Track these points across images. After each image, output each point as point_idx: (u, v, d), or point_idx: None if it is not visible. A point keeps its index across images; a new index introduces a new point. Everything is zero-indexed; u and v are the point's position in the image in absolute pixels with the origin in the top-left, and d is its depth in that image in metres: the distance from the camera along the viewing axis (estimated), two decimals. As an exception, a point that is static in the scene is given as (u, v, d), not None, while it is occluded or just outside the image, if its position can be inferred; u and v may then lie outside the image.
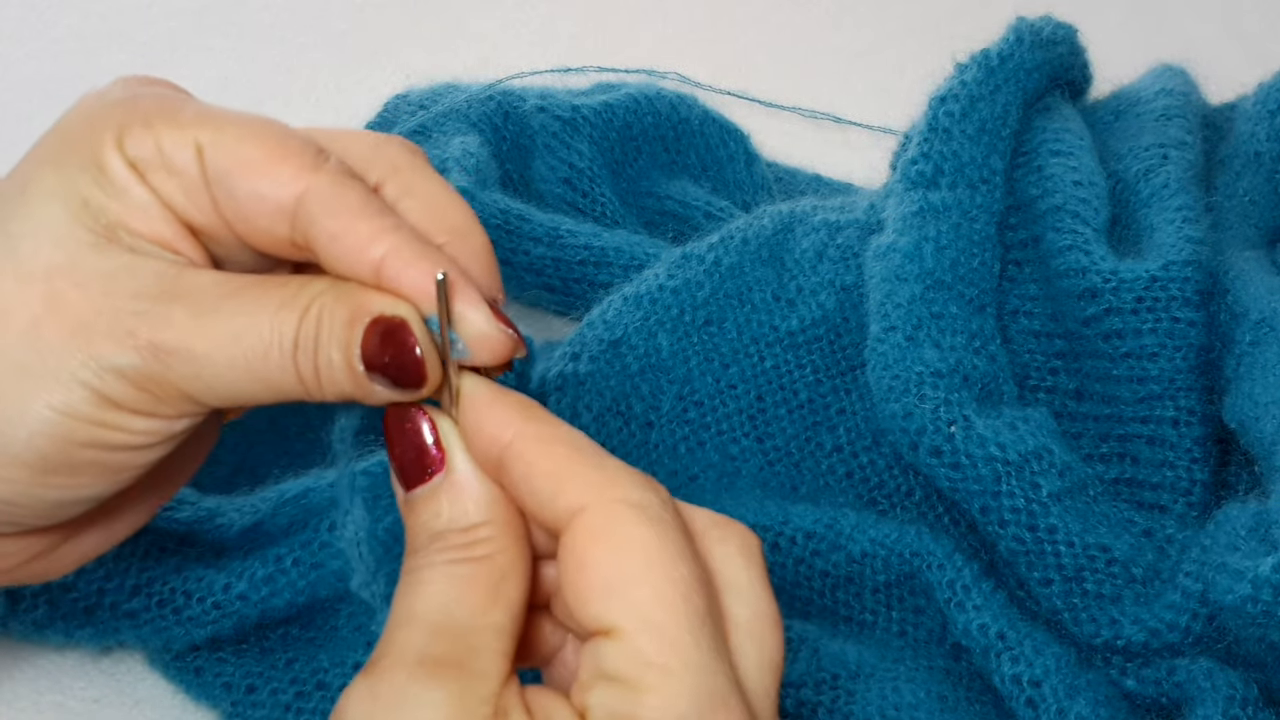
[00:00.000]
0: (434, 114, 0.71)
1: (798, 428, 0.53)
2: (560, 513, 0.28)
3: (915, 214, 0.52)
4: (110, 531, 0.36)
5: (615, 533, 0.27)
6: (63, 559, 0.35)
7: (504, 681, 0.27)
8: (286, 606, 0.45)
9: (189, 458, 0.37)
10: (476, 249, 0.32)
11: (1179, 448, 0.49)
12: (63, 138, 0.32)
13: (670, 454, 0.52)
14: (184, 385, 0.30)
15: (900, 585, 0.47)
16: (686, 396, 0.53)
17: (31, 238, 0.30)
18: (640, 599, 0.26)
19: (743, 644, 0.28)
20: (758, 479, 0.52)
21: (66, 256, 0.30)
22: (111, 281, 0.30)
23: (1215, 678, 0.42)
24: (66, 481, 0.31)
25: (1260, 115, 0.58)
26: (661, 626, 0.26)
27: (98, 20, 0.88)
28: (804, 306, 0.54)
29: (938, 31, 0.89)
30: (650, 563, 0.26)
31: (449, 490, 0.29)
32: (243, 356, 0.30)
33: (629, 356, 0.52)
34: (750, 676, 0.28)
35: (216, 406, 0.31)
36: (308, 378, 0.30)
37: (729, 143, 0.70)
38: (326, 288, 0.30)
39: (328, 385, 0.30)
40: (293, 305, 0.30)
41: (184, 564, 0.45)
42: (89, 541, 0.36)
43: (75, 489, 0.31)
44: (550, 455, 0.28)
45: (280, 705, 0.45)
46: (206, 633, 0.45)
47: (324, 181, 0.30)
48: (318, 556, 0.45)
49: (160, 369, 0.30)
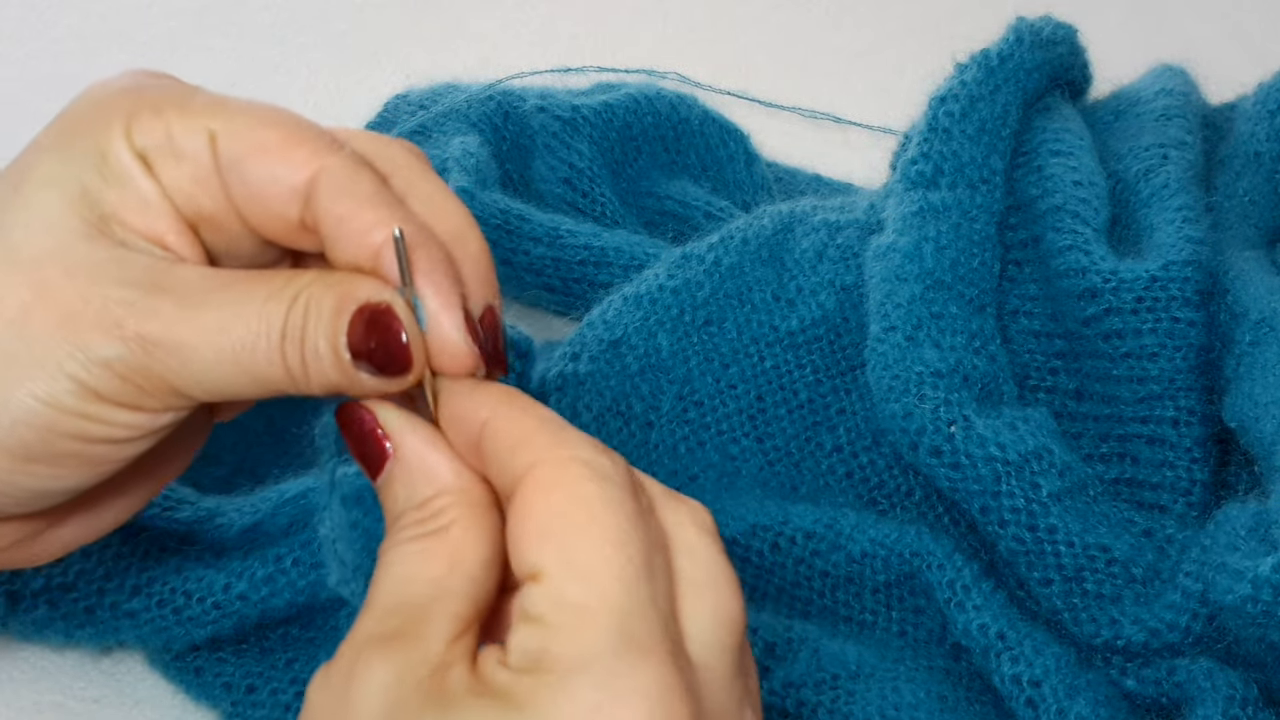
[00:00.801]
0: (434, 114, 0.71)
1: (798, 428, 0.53)
2: (518, 471, 0.28)
3: (915, 214, 0.52)
4: (94, 522, 0.36)
5: (560, 485, 0.27)
6: (45, 545, 0.35)
7: (452, 640, 0.27)
8: (286, 606, 0.45)
9: (177, 454, 0.36)
10: (474, 253, 0.32)
11: (1179, 448, 0.49)
12: (67, 125, 0.32)
13: (670, 454, 0.52)
14: (171, 378, 0.30)
15: (900, 585, 0.47)
16: (686, 396, 0.53)
17: (24, 226, 0.30)
18: (571, 544, 0.26)
19: (692, 599, 0.28)
20: (758, 479, 0.52)
21: (57, 243, 0.30)
22: (100, 271, 0.30)
23: (1215, 678, 0.42)
24: (47, 471, 0.31)
25: (1260, 115, 0.59)
26: (586, 570, 0.26)
27: (98, 20, 0.88)
28: (804, 306, 0.54)
29: (938, 31, 0.89)
30: (591, 515, 0.27)
31: (400, 471, 0.30)
32: (230, 348, 0.29)
33: (629, 356, 0.52)
34: (703, 629, 0.28)
35: (203, 400, 0.31)
36: (295, 369, 0.30)
37: (729, 143, 0.70)
38: (314, 278, 0.30)
39: (315, 376, 0.30)
40: (280, 296, 0.30)
41: (184, 564, 0.45)
42: (71, 531, 0.35)
43: (56, 479, 0.31)
44: (519, 427, 0.29)
45: (280, 705, 0.45)
46: (206, 633, 0.45)
47: (337, 164, 0.30)
48: (318, 556, 0.45)
49: (147, 361, 0.29)
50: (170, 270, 0.30)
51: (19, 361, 0.30)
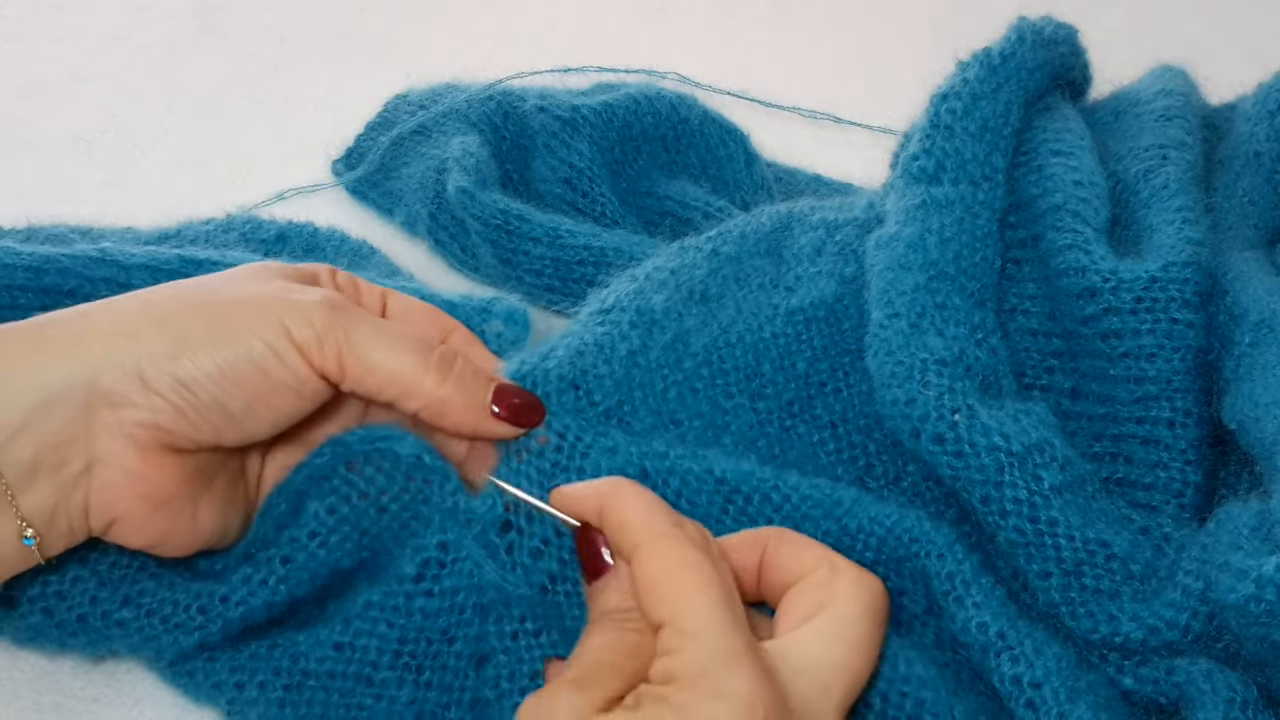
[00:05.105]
0: (434, 114, 0.71)
1: (793, 395, 0.52)
2: (626, 547, 0.41)
3: (918, 206, 0.52)
4: (197, 517, 0.45)
5: (655, 558, 0.40)
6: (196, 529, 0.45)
7: (615, 692, 0.39)
8: (265, 607, 0.45)
9: (232, 502, 0.47)
10: (467, 336, 0.51)
11: (1174, 449, 0.49)
12: (261, 305, 0.45)
13: (657, 396, 0.51)
14: (344, 351, 0.44)
15: (887, 566, 0.47)
16: (681, 349, 0.52)
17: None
18: (672, 598, 0.39)
19: (812, 640, 0.40)
20: (746, 437, 0.51)
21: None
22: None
23: (1215, 679, 0.42)
24: (242, 398, 0.43)
25: (1260, 115, 0.59)
26: (686, 611, 0.39)
27: (98, 20, 0.88)
28: (804, 290, 0.54)
29: (938, 31, 0.89)
30: (682, 574, 0.40)
31: (615, 584, 0.42)
32: (394, 343, 0.45)
33: (620, 317, 0.52)
34: (805, 660, 0.39)
35: (355, 386, 0.45)
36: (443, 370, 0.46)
37: (729, 143, 0.70)
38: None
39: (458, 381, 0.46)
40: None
41: (175, 579, 0.46)
42: (207, 516, 0.45)
43: (249, 412, 0.43)
44: (623, 513, 0.42)
45: (274, 703, 0.45)
46: (194, 639, 0.45)
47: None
48: (293, 559, 0.45)
49: (335, 328, 0.44)
50: None
51: (251, 318, 0.43)
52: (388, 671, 0.45)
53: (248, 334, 0.43)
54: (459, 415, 0.46)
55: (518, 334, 0.53)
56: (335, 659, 0.45)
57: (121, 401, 0.42)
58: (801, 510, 0.47)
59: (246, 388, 0.43)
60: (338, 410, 0.49)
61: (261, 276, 0.46)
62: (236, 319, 0.43)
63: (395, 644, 0.45)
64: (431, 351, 0.46)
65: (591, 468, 0.47)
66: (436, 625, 0.45)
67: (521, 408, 0.47)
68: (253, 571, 0.45)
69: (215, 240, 0.64)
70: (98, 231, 0.65)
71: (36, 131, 0.76)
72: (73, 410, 0.41)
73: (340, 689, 0.45)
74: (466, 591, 0.46)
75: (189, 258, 0.55)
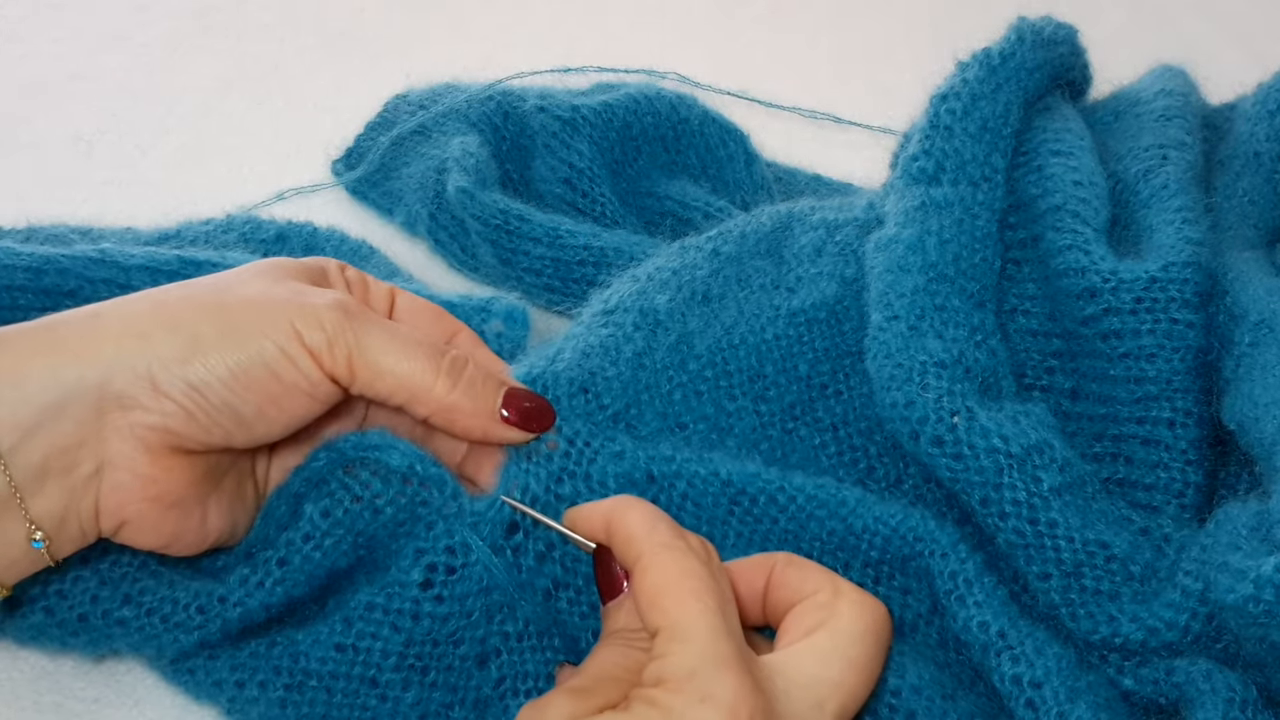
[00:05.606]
0: (434, 114, 0.71)
1: (795, 397, 0.52)
2: (630, 558, 0.42)
3: (918, 208, 0.52)
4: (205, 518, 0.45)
5: (655, 568, 0.41)
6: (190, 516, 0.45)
7: (611, 703, 0.40)
8: (262, 608, 0.45)
9: (241, 501, 0.47)
10: (472, 338, 0.51)
11: (1174, 449, 0.49)
12: (268, 307, 0.44)
13: (663, 398, 0.51)
14: (354, 354, 0.44)
15: (891, 564, 0.47)
16: (685, 350, 0.52)
17: None
18: (669, 606, 0.40)
19: (808, 653, 0.41)
20: (749, 440, 0.51)
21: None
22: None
23: (1214, 680, 0.42)
24: (253, 401, 0.43)
25: (1260, 115, 0.59)
26: (680, 617, 0.39)
27: (98, 20, 0.88)
28: (805, 292, 0.54)
29: (938, 31, 0.89)
30: (679, 583, 0.40)
31: (628, 605, 0.43)
32: (402, 346, 0.45)
33: (623, 318, 0.52)
34: (801, 672, 0.40)
35: (362, 389, 0.45)
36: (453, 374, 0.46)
37: (729, 143, 0.70)
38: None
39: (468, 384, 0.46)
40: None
41: (173, 575, 0.46)
42: (210, 512, 0.45)
43: (259, 414, 0.43)
44: (627, 527, 0.43)
45: (275, 702, 0.45)
46: (194, 638, 0.45)
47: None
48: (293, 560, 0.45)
49: (346, 331, 0.44)
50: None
51: (262, 321, 0.43)
52: (393, 674, 0.45)
53: (259, 337, 0.43)
54: (468, 421, 0.46)
55: (517, 333, 0.53)
56: (338, 660, 0.45)
57: (132, 404, 0.42)
58: (807, 511, 0.47)
59: (258, 391, 0.43)
60: (346, 410, 0.49)
61: (272, 275, 0.46)
62: (248, 322, 0.43)
63: (400, 646, 0.45)
64: (442, 357, 0.46)
65: (598, 473, 0.47)
66: (445, 629, 0.45)
67: (531, 412, 0.47)
68: (250, 573, 0.45)
69: (215, 240, 0.64)
70: (98, 232, 0.65)
71: (36, 131, 0.76)
72: (84, 412, 0.41)
73: (343, 690, 0.45)
74: (476, 596, 0.46)
75: (189, 259, 0.56)
